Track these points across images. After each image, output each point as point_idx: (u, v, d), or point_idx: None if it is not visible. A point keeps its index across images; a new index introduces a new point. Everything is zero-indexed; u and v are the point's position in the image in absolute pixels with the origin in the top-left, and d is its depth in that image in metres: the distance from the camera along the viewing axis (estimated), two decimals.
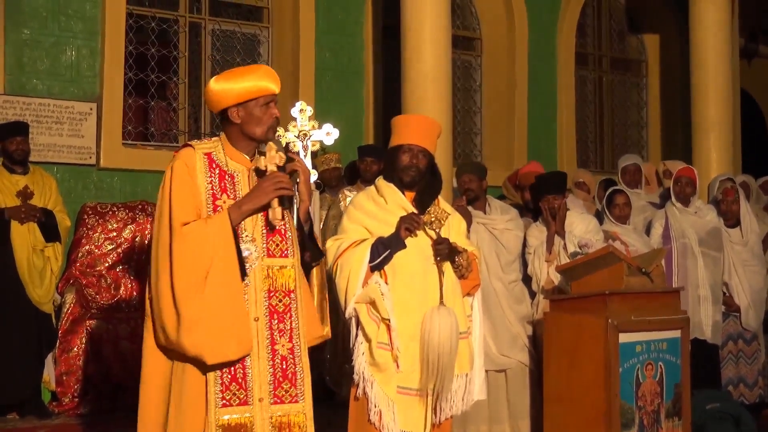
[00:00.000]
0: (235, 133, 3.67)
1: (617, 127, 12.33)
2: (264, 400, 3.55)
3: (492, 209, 6.46)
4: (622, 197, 7.07)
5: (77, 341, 7.29)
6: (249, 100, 3.62)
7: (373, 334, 4.48)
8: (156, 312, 3.49)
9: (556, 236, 6.27)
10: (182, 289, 3.41)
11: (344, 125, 8.32)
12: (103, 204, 8.10)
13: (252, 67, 3.75)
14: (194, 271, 3.42)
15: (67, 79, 8.26)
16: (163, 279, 3.45)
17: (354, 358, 4.56)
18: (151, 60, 8.89)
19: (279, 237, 3.66)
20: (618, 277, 5.46)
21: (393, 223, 4.58)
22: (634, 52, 12.55)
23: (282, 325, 3.62)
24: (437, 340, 4.43)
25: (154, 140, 9.00)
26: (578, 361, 5.31)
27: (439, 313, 4.46)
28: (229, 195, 3.60)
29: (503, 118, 10.79)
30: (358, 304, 4.51)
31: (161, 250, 3.48)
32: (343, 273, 4.53)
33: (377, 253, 4.51)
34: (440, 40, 7.89)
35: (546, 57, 11.08)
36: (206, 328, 3.40)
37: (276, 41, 9.58)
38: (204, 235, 3.45)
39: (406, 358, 4.48)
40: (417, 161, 4.65)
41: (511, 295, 6.36)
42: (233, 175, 3.65)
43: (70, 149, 8.18)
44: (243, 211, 3.56)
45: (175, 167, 3.57)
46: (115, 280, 7.85)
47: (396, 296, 4.50)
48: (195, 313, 3.40)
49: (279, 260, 3.65)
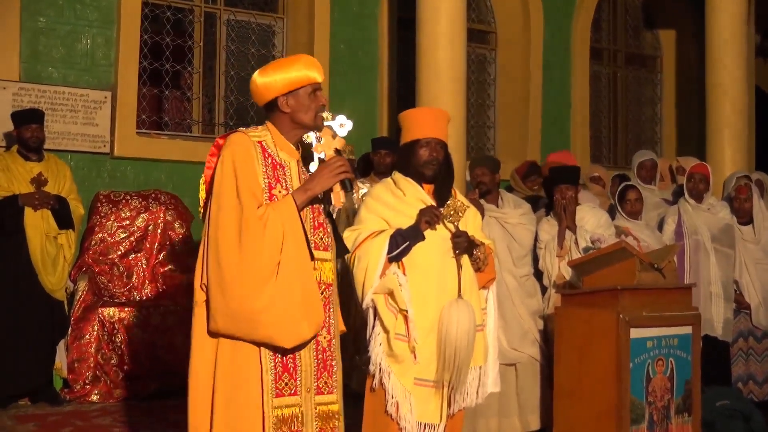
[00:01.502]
0: (286, 122, 3.70)
1: (631, 123, 12.30)
2: (311, 390, 3.61)
3: (504, 203, 6.46)
4: (634, 193, 7.06)
5: (89, 329, 7.32)
6: (298, 88, 3.67)
7: (390, 325, 4.50)
8: (217, 299, 3.45)
9: (567, 231, 6.27)
10: (256, 276, 3.41)
11: (358, 117, 8.19)
12: (117, 192, 8.14)
13: (296, 57, 3.79)
14: (270, 257, 3.44)
15: (82, 67, 8.29)
16: (230, 266, 3.42)
17: (371, 349, 4.57)
18: (166, 49, 8.91)
19: (322, 231, 3.72)
20: (630, 272, 5.45)
21: (412, 215, 4.60)
22: (649, 48, 12.52)
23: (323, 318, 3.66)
24: (455, 334, 4.46)
25: (168, 130, 9.03)
26: (589, 356, 5.31)
27: (457, 306, 4.49)
28: (283, 185, 3.63)
29: (517, 112, 10.79)
30: (376, 295, 4.53)
31: (227, 236, 3.45)
32: (361, 264, 4.54)
33: (396, 245, 4.53)
34: (456, 33, 7.89)
35: (561, 51, 11.06)
36: (281, 313, 3.43)
37: (291, 32, 9.59)
38: (274, 221, 3.47)
39: (423, 349, 4.49)
40: (437, 154, 4.67)
41: (523, 289, 6.36)
42: (284, 165, 3.68)
43: (84, 137, 8.21)
44: (308, 195, 3.60)
45: (236, 149, 3.57)
46: (127, 268, 7.89)
47: (414, 288, 4.52)
48: (269, 299, 3.42)
49: (322, 253, 3.70)
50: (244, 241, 3.43)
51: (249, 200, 3.48)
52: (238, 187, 3.49)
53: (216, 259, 3.46)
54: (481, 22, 10.92)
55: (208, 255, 3.51)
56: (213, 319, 3.48)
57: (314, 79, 3.70)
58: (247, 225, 3.44)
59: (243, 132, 3.67)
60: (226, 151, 3.58)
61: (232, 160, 3.54)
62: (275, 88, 3.66)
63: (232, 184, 3.50)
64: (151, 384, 7.40)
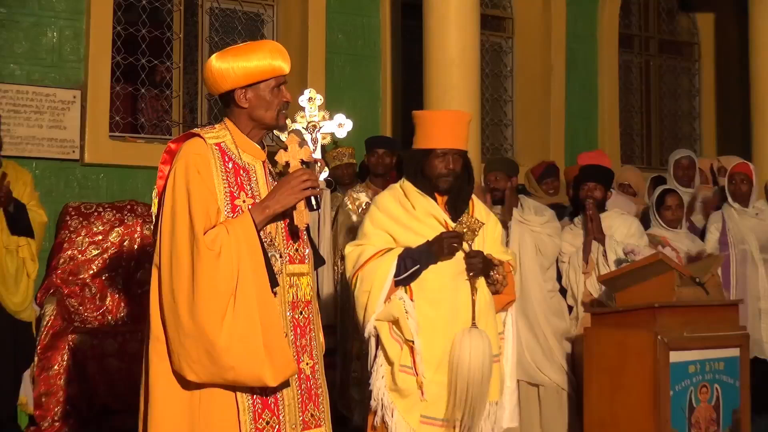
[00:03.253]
0: (244, 119, 3.64)
1: (666, 119, 12.27)
2: (296, 426, 3.55)
3: (525, 210, 6.44)
4: (674, 198, 7.03)
5: (58, 358, 7.28)
6: (258, 81, 3.59)
7: (395, 357, 4.48)
8: (174, 337, 3.39)
9: (594, 242, 6.24)
10: (210, 310, 3.33)
11: (359, 116, 8.31)
12: (88, 204, 8.12)
13: (260, 44, 3.70)
14: (224, 288, 3.35)
15: (48, 63, 8.28)
16: (183, 300, 3.35)
17: (372, 382, 4.55)
18: (142, 42, 8.90)
19: (299, 240, 3.67)
20: (668, 287, 5.46)
21: (422, 233, 4.58)
22: (685, 34, 12.50)
23: (304, 341, 3.63)
24: (467, 367, 4.43)
25: (145, 132, 9.02)
26: (623, 383, 5.30)
27: (470, 336, 4.46)
28: (247, 193, 3.57)
29: (537, 107, 10.76)
30: (379, 322, 4.52)
31: (179, 265, 3.38)
32: (363, 286, 4.53)
33: (404, 267, 4.51)
34: (467, 19, 7.86)
35: (586, 39, 11.05)
36: (240, 353, 3.33)
37: (282, 21, 9.58)
38: (228, 248, 3.38)
39: (431, 384, 4.47)
40: (453, 166, 4.64)
41: (548, 306, 6.35)
42: (248, 169, 3.62)
43: (51, 142, 8.19)
44: (266, 215, 3.51)
45: (190, 162, 3.49)
46: (100, 289, 7.86)
47: (422, 315, 4.50)
48: (227, 336, 3.33)
49: (299, 266, 3.66)
50: (197, 275, 3.34)
51: (199, 221, 3.39)
52: (191, 211, 3.41)
53: (169, 291, 3.40)
54: (495, 7, 10.91)
55: (162, 289, 3.43)
56: (179, 366, 3.39)
57: (279, 71, 3.61)
58: (199, 257, 3.35)
59: (199, 135, 3.60)
60: (179, 163, 3.50)
61: (185, 175, 3.46)
62: (232, 78, 3.57)
63: (184, 206, 3.42)
64: (129, 420, 7.35)
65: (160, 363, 3.47)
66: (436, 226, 4.62)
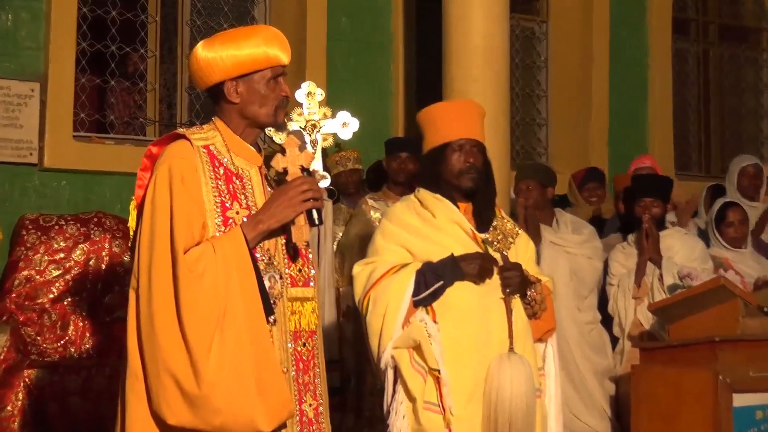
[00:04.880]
0: (235, 117, 3.66)
1: (728, 117, 12.28)
2: None
3: (560, 227, 6.44)
4: (737, 213, 7.04)
5: (11, 397, 7.30)
6: (251, 72, 3.61)
7: (417, 391, 4.46)
8: (152, 372, 3.39)
9: (649, 264, 6.24)
10: (197, 341, 3.33)
11: (365, 114, 8.29)
12: (48, 216, 8.13)
13: (254, 29, 3.74)
14: (207, 316, 3.35)
15: (1, 51, 8.30)
16: (165, 329, 3.36)
17: (391, 423, 4.53)
18: (112, 26, 8.92)
19: (301, 259, 3.68)
20: (732, 318, 5.46)
21: (445, 244, 4.57)
22: (750, 18, 12.50)
23: (306, 377, 3.64)
24: (509, 398, 4.40)
25: (115, 132, 9.05)
26: (678, 430, 5.27)
27: (510, 362, 4.44)
28: (240, 203, 3.59)
29: (576, 104, 10.78)
30: (397, 350, 4.49)
31: (158, 289, 3.39)
32: (377, 309, 4.52)
33: (424, 284, 4.49)
34: (495, 0, 7.87)
35: (634, 24, 11.07)
36: (228, 392, 3.34)
37: (275, 2, 9.61)
38: (213, 270, 3.39)
39: (463, 422, 4.43)
40: (474, 159, 4.65)
41: (587, 341, 6.35)
42: (241, 176, 3.63)
43: (4, 143, 8.21)
44: (260, 230, 3.53)
45: (173, 168, 3.50)
46: (62, 316, 7.87)
47: (448, 339, 4.47)
48: (213, 373, 3.32)
49: (302, 290, 3.67)
50: (181, 300, 3.35)
51: (182, 238, 3.40)
52: (173, 225, 3.42)
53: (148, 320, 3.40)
54: None
55: (140, 316, 3.44)
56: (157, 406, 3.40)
57: (276, 61, 3.63)
58: (178, 280, 3.36)
59: (184, 136, 3.61)
60: (160, 169, 3.51)
61: (167, 183, 3.47)
62: (221, 69, 3.59)
63: (165, 220, 3.44)
64: None
65: (138, 404, 3.48)
66: (461, 236, 4.63)
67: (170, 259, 3.39)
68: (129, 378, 3.50)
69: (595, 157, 10.45)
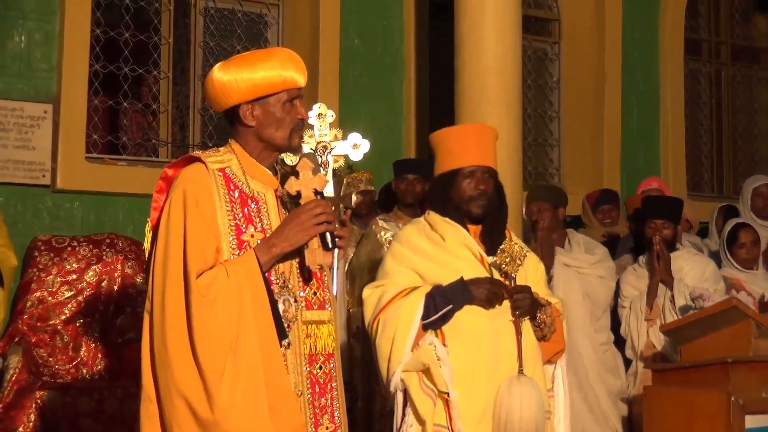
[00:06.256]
0: (251, 140, 3.68)
1: (741, 138, 12.26)
2: None
3: (573, 247, 6.43)
4: (749, 234, 7.04)
5: (23, 419, 7.30)
6: (268, 95, 3.62)
7: (427, 415, 4.47)
8: (165, 396, 3.41)
9: (661, 286, 6.23)
10: (210, 366, 3.34)
11: (377, 135, 8.32)
12: (60, 237, 8.14)
13: (270, 51, 3.75)
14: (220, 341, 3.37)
15: (15, 73, 8.32)
16: (178, 353, 3.37)
17: None
18: (125, 48, 8.95)
19: (316, 282, 3.69)
20: (744, 339, 5.44)
21: (455, 267, 4.58)
22: (762, 39, 12.50)
23: (323, 400, 3.65)
24: (518, 420, 4.40)
25: (127, 153, 9.05)
26: None
27: (520, 385, 4.44)
28: (255, 226, 3.60)
29: (589, 124, 10.78)
30: (406, 373, 4.50)
31: (172, 313, 3.41)
32: (386, 332, 4.53)
33: (433, 307, 4.49)
34: (507, 21, 7.86)
35: (646, 44, 11.08)
36: (240, 417, 3.35)
37: (288, 23, 9.63)
38: (226, 294, 3.40)
39: None
40: (485, 186, 4.66)
41: (601, 361, 6.33)
42: (257, 199, 3.65)
43: (17, 165, 8.23)
44: (273, 254, 3.54)
45: (188, 191, 3.52)
46: (74, 338, 7.88)
47: (457, 362, 4.48)
48: (225, 398, 3.34)
49: (318, 313, 3.68)
50: (194, 325, 3.37)
51: (197, 266, 3.42)
52: (186, 249, 3.44)
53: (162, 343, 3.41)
54: (540, 7, 10.95)
55: (154, 340, 3.46)
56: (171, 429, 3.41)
57: (292, 83, 3.65)
58: (190, 304, 3.38)
59: (200, 159, 3.63)
60: (175, 192, 3.54)
61: (182, 207, 3.50)
62: (237, 92, 3.61)
63: (179, 243, 3.46)
64: None
65: (152, 427, 3.50)
66: (470, 259, 4.64)
67: (183, 283, 3.41)
68: (144, 402, 3.52)
69: (607, 177, 10.46)
